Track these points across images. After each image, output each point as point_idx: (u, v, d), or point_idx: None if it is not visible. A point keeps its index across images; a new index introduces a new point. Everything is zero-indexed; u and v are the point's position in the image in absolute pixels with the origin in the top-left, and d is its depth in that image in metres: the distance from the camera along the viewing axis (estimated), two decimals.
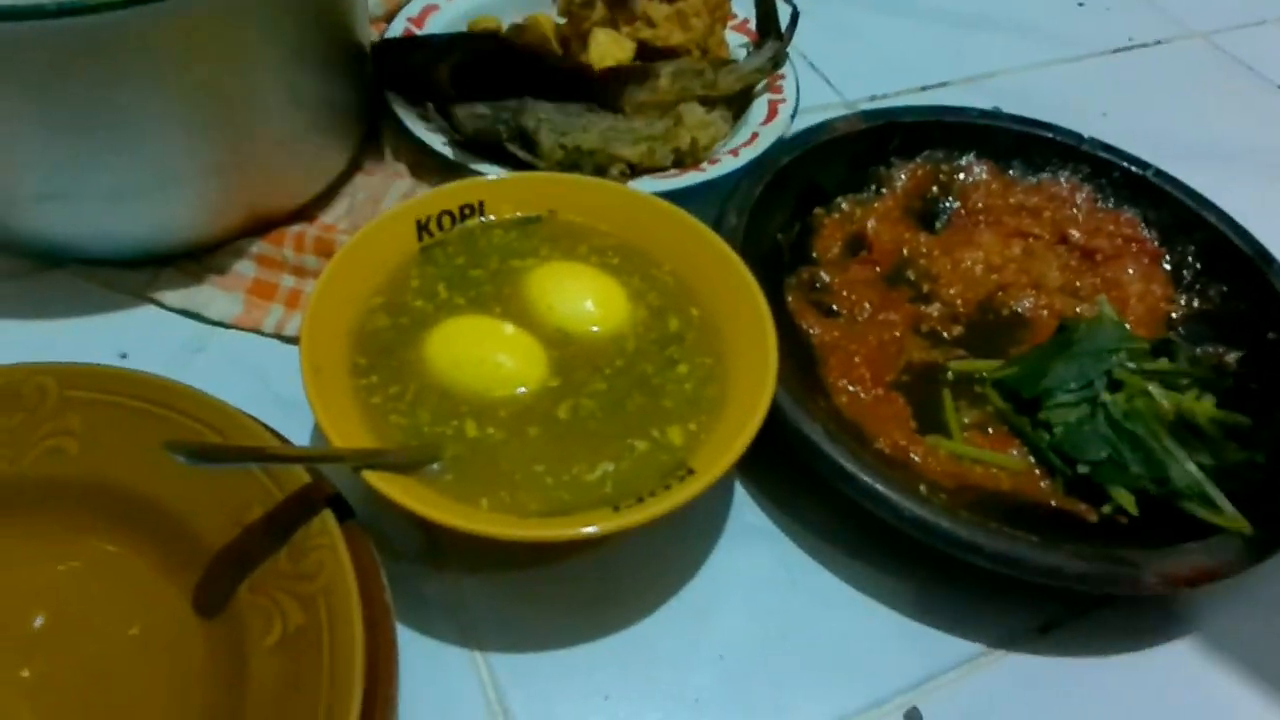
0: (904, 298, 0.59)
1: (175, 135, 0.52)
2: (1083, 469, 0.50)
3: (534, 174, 0.56)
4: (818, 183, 0.62)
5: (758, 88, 0.69)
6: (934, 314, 0.58)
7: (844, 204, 0.63)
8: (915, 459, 0.51)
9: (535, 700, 0.44)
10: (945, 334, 0.57)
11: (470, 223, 0.53)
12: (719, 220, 0.56)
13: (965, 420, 0.53)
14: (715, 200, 0.59)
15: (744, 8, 0.74)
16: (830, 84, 0.79)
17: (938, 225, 0.63)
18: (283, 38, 0.54)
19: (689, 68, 0.65)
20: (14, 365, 0.45)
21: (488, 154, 0.61)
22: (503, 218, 0.53)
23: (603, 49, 0.67)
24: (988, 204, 0.64)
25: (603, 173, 0.59)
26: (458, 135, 0.60)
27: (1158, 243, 0.62)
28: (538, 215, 0.54)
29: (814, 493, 0.50)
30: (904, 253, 0.61)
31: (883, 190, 0.64)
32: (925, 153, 0.65)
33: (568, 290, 0.50)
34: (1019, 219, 0.63)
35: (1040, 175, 0.65)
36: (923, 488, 0.47)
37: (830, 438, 0.47)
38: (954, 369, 0.55)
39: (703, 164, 0.62)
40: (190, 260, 0.58)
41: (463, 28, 0.71)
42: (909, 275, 0.60)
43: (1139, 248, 0.62)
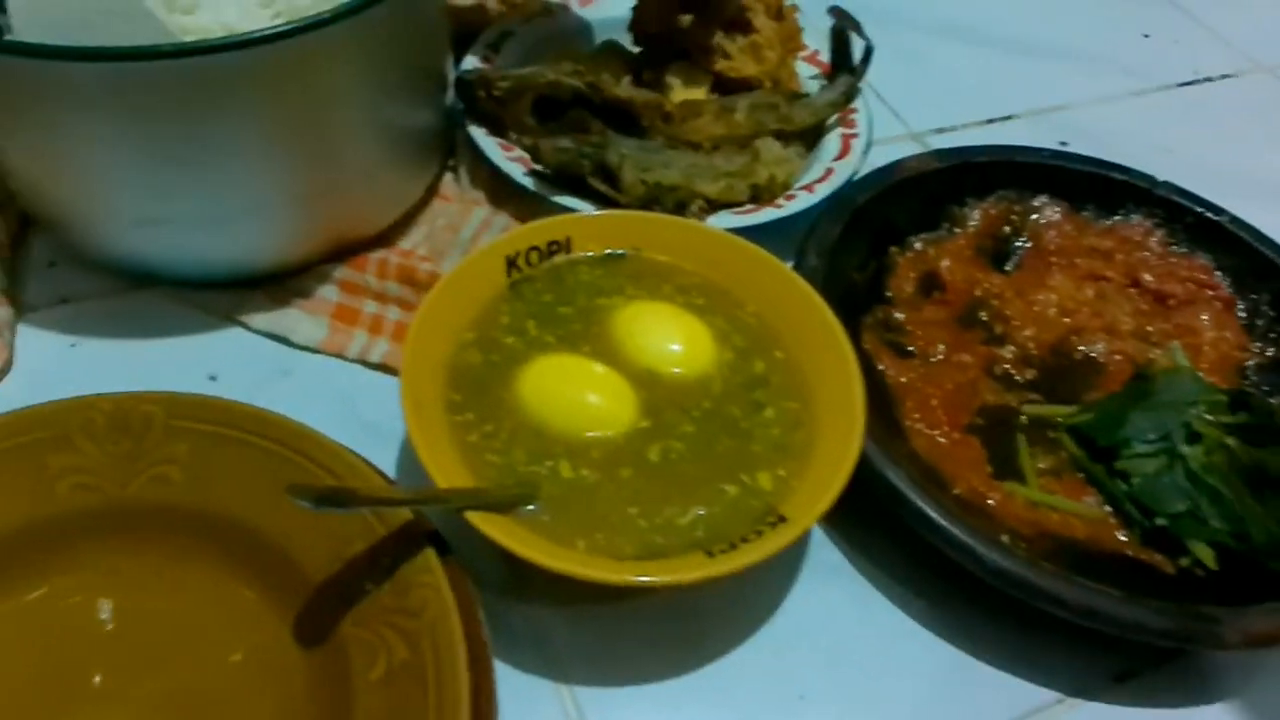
0: (977, 339, 0.59)
1: (268, 165, 0.53)
2: (1161, 521, 0.50)
3: (619, 211, 0.57)
4: (893, 221, 0.63)
5: (829, 121, 0.70)
6: (1007, 356, 0.59)
7: (917, 243, 0.63)
8: (992, 504, 0.51)
9: None
10: (1018, 377, 0.58)
11: (557, 259, 0.54)
12: (799, 259, 0.57)
13: (1039, 466, 0.54)
14: (789, 236, 0.60)
15: (812, 39, 0.75)
16: (897, 115, 0.79)
17: (1009, 266, 0.64)
18: (373, 70, 0.55)
19: (764, 101, 0.66)
20: (123, 393, 0.47)
21: (566, 186, 0.62)
22: (588, 254, 0.54)
23: (678, 81, 0.68)
24: (1060, 245, 0.64)
25: (683, 208, 0.60)
26: (540, 167, 0.61)
27: (1231, 289, 0.62)
28: (622, 252, 0.54)
29: (892, 535, 0.51)
30: (976, 293, 0.61)
31: (956, 229, 0.64)
32: (998, 192, 0.65)
33: (656, 331, 0.51)
34: (1091, 261, 0.63)
35: (1113, 217, 0.66)
36: (1005, 537, 0.48)
37: (913, 483, 0.48)
38: (1028, 413, 0.56)
39: (779, 200, 0.63)
40: (276, 284, 0.59)
41: (539, 54, 0.72)
42: (982, 316, 0.60)
43: (1212, 294, 0.62)
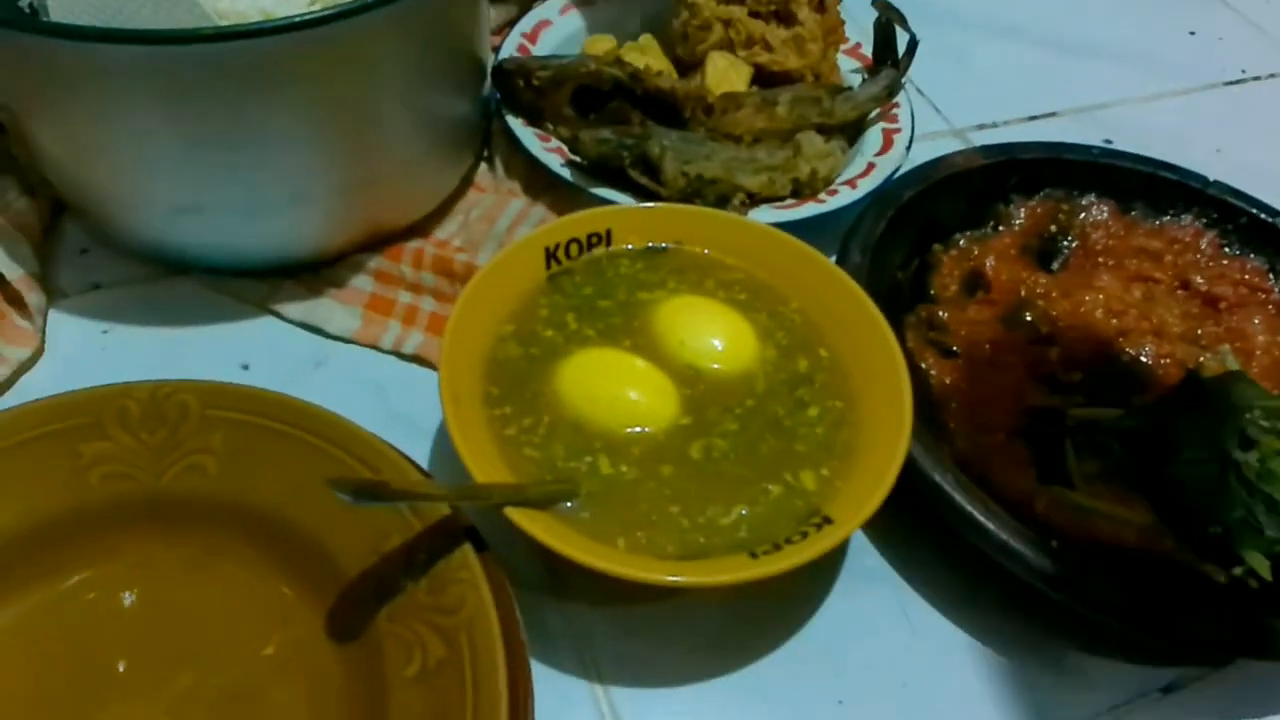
0: (1022, 340, 0.58)
1: (308, 154, 0.53)
2: (1214, 529, 0.49)
3: (661, 205, 0.56)
4: (937, 218, 0.61)
5: (871, 115, 0.68)
6: (1053, 358, 0.57)
7: (962, 241, 0.62)
8: (1038, 509, 0.50)
9: None
10: (1064, 379, 0.56)
11: (597, 251, 0.53)
12: (842, 256, 0.56)
13: (1086, 470, 0.52)
14: (831, 231, 0.59)
15: (854, 32, 0.74)
16: (938, 111, 0.78)
17: (1055, 265, 0.62)
18: (411, 58, 0.54)
19: (806, 95, 0.65)
20: (157, 382, 0.46)
21: (604, 177, 0.61)
22: (629, 247, 0.53)
23: (720, 73, 0.67)
24: (1107, 245, 0.63)
25: (724, 202, 0.59)
26: (579, 159, 0.60)
27: None
28: (664, 246, 0.53)
29: (934, 539, 0.50)
30: (1022, 293, 0.60)
31: (1001, 227, 0.63)
32: (1045, 190, 0.64)
33: (698, 326, 0.50)
34: (1139, 262, 0.62)
35: (1162, 218, 0.64)
36: (1053, 543, 0.47)
37: (960, 487, 0.47)
38: (1074, 416, 0.55)
39: (821, 194, 0.61)
40: (310, 273, 0.59)
41: (576, 44, 0.71)
42: (1027, 317, 0.59)
43: (1265, 297, 0.60)
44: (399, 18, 0.50)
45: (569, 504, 0.43)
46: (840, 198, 0.61)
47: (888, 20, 0.70)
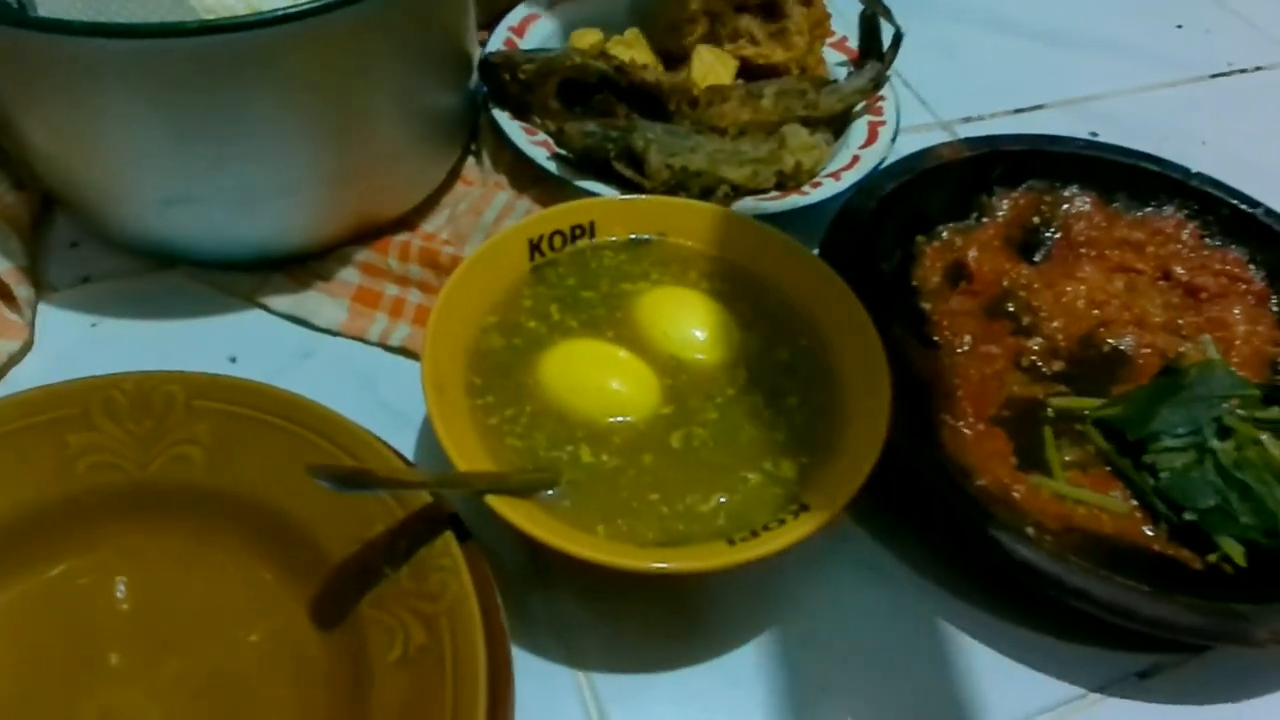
0: (1004, 330, 0.58)
1: (295, 147, 0.53)
2: (1190, 516, 0.49)
3: (644, 196, 0.56)
4: (921, 210, 0.62)
5: (856, 109, 0.69)
6: (1034, 348, 0.58)
7: (945, 232, 0.62)
8: (1017, 497, 0.50)
9: None
10: (1045, 369, 0.57)
11: (581, 243, 0.53)
12: (825, 246, 0.56)
13: (1066, 458, 0.53)
14: (815, 223, 0.59)
15: (840, 25, 0.74)
16: (925, 103, 0.78)
17: (1038, 256, 0.63)
18: (397, 51, 0.54)
19: (792, 88, 0.65)
20: (143, 373, 0.46)
21: (590, 170, 0.61)
22: (612, 239, 0.54)
23: (705, 66, 0.67)
24: (1090, 236, 0.63)
25: (708, 194, 0.59)
26: (564, 152, 0.61)
27: (1265, 283, 0.61)
28: (647, 237, 0.54)
29: (917, 528, 0.51)
30: (1004, 284, 0.61)
31: (984, 219, 0.63)
32: (1028, 182, 0.65)
33: (680, 317, 0.50)
34: (1121, 253, 0.62)
35: (1144, 209, 0.64)
36: (1030, 530, 0.47)
37: (939, 475, 0.47)
38: (1055, 405, 0.55)
39: (805, 187, 0.62)
40: (298, 266, 0.59)
41: (564, 38, 0.72)
42: (1009, 307, 0.60)
43: (1245, 288, 0.61)
44: (384, 11, 0.51)
45: (550, 492, 0.44)
46: (824, 190, 0.61)
47: (872, 13, 0.70)
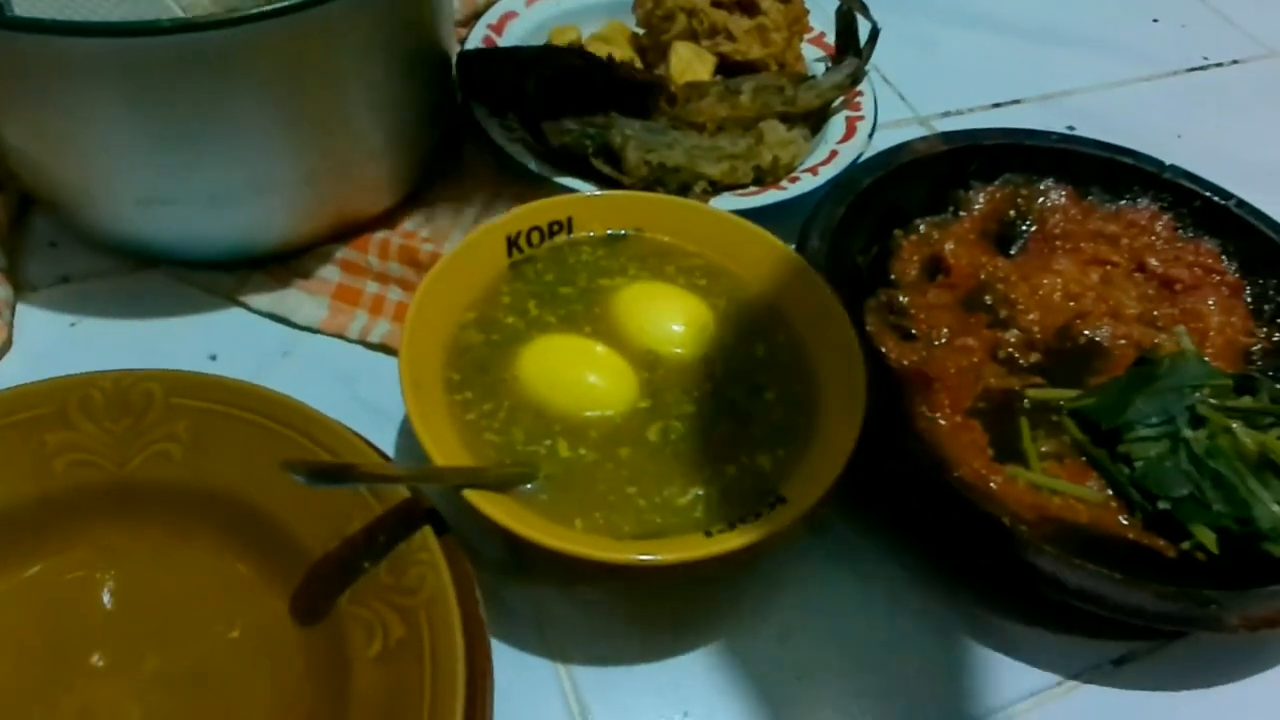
0: (981, 323, 0.59)
1: (273, 145, 0.53)
2: (1163, 505, 0.50)
3: (622, 192, 0.56)
4: (897, 204, 0.62)
5: (834, 104, 0.69)
6: (1011, 340, 0.58)
7: (922, 226, 0.63)
8: (994, 487, 0.51)
9: (616, 714, 0.45)
10: (1022, 361, 0.58)
11: (559, 239, 0.53)
12: (802, 241, 0.57)
13: (1042, 449, 0.53)
14: (793, 217, 0.60)
15: (819, 21, 0.75)
16: (903, 99, 0.79)
17: (1014, 250, 0.63)
18: (375, 49, 0.54)
19: (769, 84, 0.66)
20: (121, 371, 0.46)
21: (569, 167, 0.61)
22: (590, 235, 0.54)
23: (683, 62, 0.67)
24: (1065, 229, 0.64)
25: (686, 190, 0.60)
26: (542, 148, 0.61)
27: (1238, 275, 0.62)
28: (624, 233, 0.54)
29: (893, 519, 0.51)
30: (981, 277, 0.61)
31: (961, 212, 0.64)
32: (1004, 175, 0.65)
33: (658, 312, 0.50)
34: (1096, 246, 0.63)
35: (1119, 202, 0.65)
36: (1006, 520, 0.48)
37: (915, 467, 0.48)
38: (1031, 397, 0.56)
39: (782, 182, 0.62)
40: (277, 264, 0.59)
41: (542, 36, 0.72)
42: (986, 300, 0.60)
43: (1219, 279, 0.61)
44: (361, 10, 0.51)
45: (528, 486, 0.44)
46: (802, 185, 0.61)
47: (849, 9, 0.71)
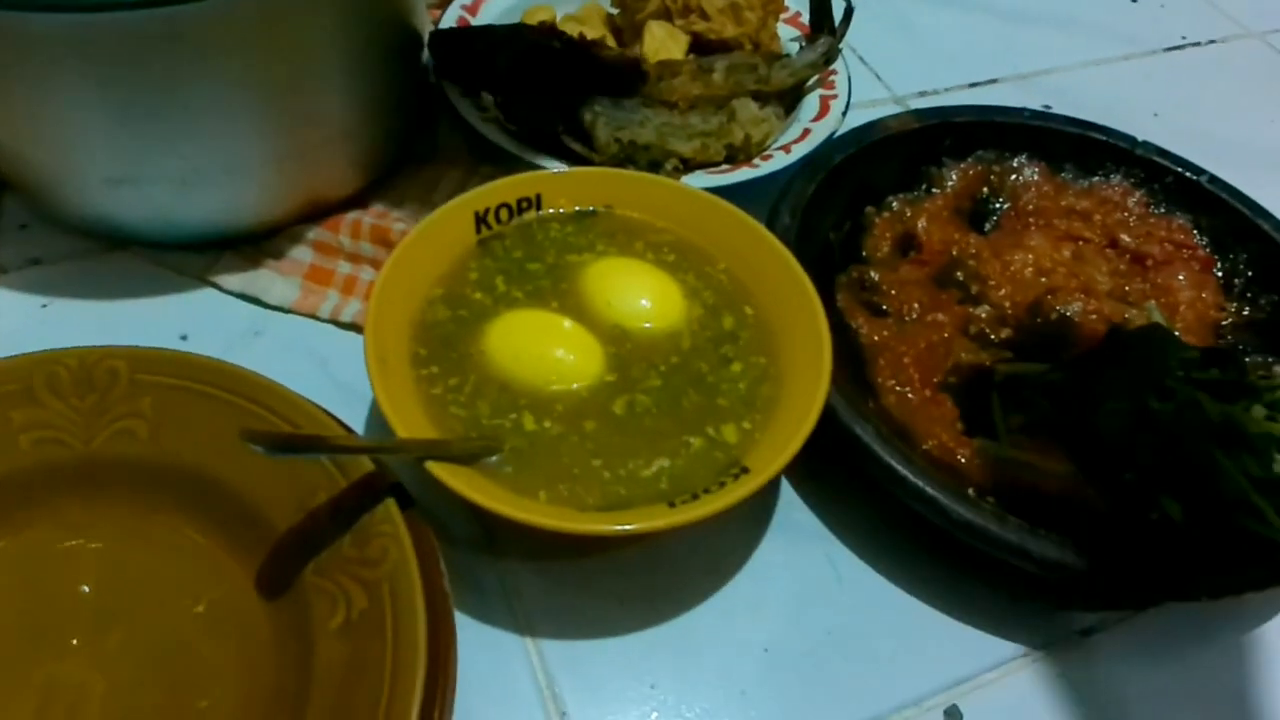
0: (953, 299, 0.59)
1: (242, 124, 0.53)
2: (1129, 476, 0.50)
3: (591, 169, 0.56)
4: (870, 181, 0.62)
5: (809, 83, 0.69)
6: (982, 316, 0.58)
7: (895, 203, 0.63)
8: (962, 461, 0.51)
9: (584, 687, 0.45)
10: (993, 336, 0.58)
11: (528, 216, 0.53)
12: (772, 218, 0.57)
13: (1012, 423, 0.54)
14: (766, 195, 0.60)
15: (794, 0, 0.74)
16: (880, 79, 0.79)
17: (987, 226, 0.63)
18: (347, 29, 0.54)
19: (742, 62, 0.66)
20: (87, 348, 0.46)
21: (542, 146, 0.61)
22: (559, 211, 0.54)
23: (657, 41, 0.67)
24: (1038, 206, 0.64)
25: (657, 167, 0.60)
26: (513, 126, 0.61)
27: (1209, 250, 0.62)
28: (594, 210, 0.54)
29: (861, 492, 0.51)
30: (953, 253, 0.61)
31: (934, 190, 0.64)
32: (977, 153, 0.65)
33: (625, 286, 0.51)
34: (1069, 222, 0.63)
35: (1092, 179, 0.65)
36: (971, 491, 0.48)
37: (880, 439, 0.48)
38: (1002, 371, 0.56)
39: (755, 159, 0.62)
40: (249, 245, 0.59)
41: (517, 16, 0.72)
42: (958, 276, 0.60)
43: (1190, 254, 0.61)
44: None
45: (493, 459, 0.44)
46: (773, 162, 0.61)
47: None
